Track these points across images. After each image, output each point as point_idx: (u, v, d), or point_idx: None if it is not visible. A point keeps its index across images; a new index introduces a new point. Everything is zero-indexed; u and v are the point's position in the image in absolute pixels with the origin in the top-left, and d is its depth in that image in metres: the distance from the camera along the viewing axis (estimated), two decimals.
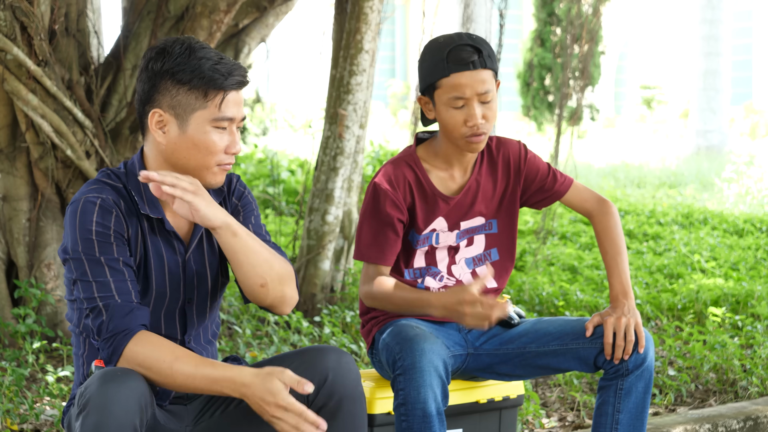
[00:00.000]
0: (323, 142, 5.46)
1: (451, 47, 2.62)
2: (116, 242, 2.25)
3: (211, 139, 2.28)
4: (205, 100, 2.26)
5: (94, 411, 2.05)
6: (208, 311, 2.43)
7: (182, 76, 2.25)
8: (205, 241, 2.41)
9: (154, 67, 2.27)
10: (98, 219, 2.23)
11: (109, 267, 2.22)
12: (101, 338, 2.20)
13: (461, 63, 2.61)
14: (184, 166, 2.30)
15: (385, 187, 2.68)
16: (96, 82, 4.83)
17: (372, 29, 5.31)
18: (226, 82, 2.26)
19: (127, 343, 2.19)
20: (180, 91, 2.26)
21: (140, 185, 2.32)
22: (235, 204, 2.46)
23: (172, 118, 2.27)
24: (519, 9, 37.56)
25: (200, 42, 2.29)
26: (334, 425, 2.27)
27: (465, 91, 2.61)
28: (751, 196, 11.94)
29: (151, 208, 2.32)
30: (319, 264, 5.38)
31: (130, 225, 2.29)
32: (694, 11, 21.79)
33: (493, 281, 2.86)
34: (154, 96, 2.28)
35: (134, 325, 2.20)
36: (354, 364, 2.31)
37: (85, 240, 2.23)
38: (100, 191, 2.27)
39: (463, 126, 2.63)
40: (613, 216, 2.83)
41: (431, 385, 2.45)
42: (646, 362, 2.61)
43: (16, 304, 4.62)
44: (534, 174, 2.82)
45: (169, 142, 2.29)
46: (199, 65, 2.25)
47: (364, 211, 2.72)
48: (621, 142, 24.26)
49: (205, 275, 2.40)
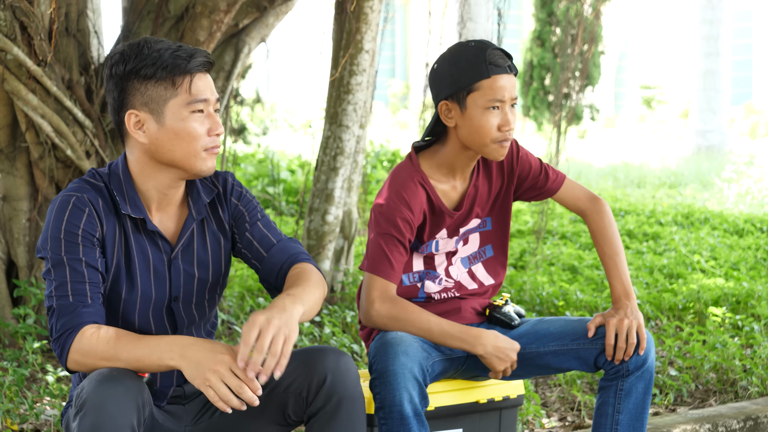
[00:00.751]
0: (323, 142, 5.46)
1: (488, 50, 2.62)
2: (83, 243, 2.24)
3: (191, 126, 2.27)
4: (174, 87, 2.26)
5: (91, 411, 2.05)
6: (198, 309, 2.42)
7: (146, 71, 2.25)
8: (196, 241, 2.40)
9: (117, 72, 2.27)
10: (69, 218, 2.24)
11: (70, 267, 2.22)
12: (53, 338, 2.20)
13: (500, 66, 2.61)
14: (170, 159, 2.29)
15: (402, 209, 2.65)
16: (96, 82, 4.83)
17: (372, 29, 5.31)
18: (189, 65, 2.26)
19: (71, 343, 2.17)
20: (148, 87, 2.26)
21: (122, 185, 2.32)
22: (235, 205, 2.45)
23: (148, 115, 2.27)
24: (519, 9, 37.56)
25: (156, 38, 2.30)
26: (333, 425, 2.26)
27: (504, 94, 2.61)
28: (751, 196, 11.94)
29: (132, 208, 2.31)
30: (320, 264, 5.38)
31: (106, 224, 2.28)
32: (694, 11, 21.80)
33: (490, 278, 2.86)
34: (126, 99, 2.28)
35: (76, 323, 2.19)
36: (353, 365, 2.31)
37: (54, 239, 2.24)
38: (79, 190, 2.28)
39: (497, 131, 2.62)
40: (607, 215, 2.83)
41: (406, 387, 2.45)
42: (647, 363, 2.61)
43: (16, 304, 4.62)
44: (527, 172, 2.82)
45: (151, 139, 2.28)
46: (159, 56, 2.25)
47: (377, 226, 2.67)
48: (621, 142, 24.27)
49: (193, 275, 2.39)
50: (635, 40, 49.79)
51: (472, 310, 2.83)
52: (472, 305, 2.83)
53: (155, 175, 2.32)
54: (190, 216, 2.38)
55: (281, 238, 2.45)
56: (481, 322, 2.85)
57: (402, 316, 2.62)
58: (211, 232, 2.42)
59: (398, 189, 2.68)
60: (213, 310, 2.48)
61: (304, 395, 2.28)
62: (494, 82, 2.60)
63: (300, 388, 2.28)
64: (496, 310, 2.83)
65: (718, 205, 11.58)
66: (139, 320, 2.34)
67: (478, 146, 2.65)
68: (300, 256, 2.42)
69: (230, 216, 2.44)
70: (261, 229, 2.44)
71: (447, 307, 2.80)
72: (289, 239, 2.46)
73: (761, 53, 45.31)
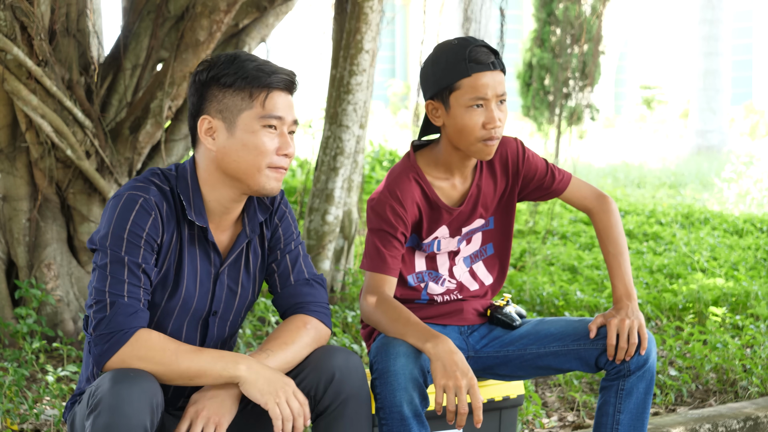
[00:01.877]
0: (323, 142, 5.46)
1: (469, 47, 2.59)
2: (145, 247, 2.24)
3: (260, 139, 2.27)
4: (251, 99, 2.26)
5: (106, 411, 2.05)
6: (231, 326, 2.43)
7: (226, 80, 2.26)
8: (243, 260, 2.40)
9: (201, 79, 2.29)
10: (135, 219, 2.23)
11: (129, 269, 2.22)
12: (97, 333, 2.19)
13: (482, 63, 2.58)
14: (235, 171, 2.28)
15: (391, 203, 2.64)
16: (96, 82, 4.83)
17: (372, 29, 5.31)
18: (270, 79, 2.27)
19: (124, 344, 2.18)
20: (226, 95, 2.27)
21: (189, 190, 2.31)
22: (276, 225, 2.45)
23: (221, 123, 2.27)
24: (519, 9, 37.57)
25: (249, 54, 2.31)
26: (340, 424, 2.28)
27: (487, 92, 2.59)
28: (751, 196, 11.94)
29: (197, 216, 2.30)
30: (320, 264, 5.38)
31: (167, 230, 2.28)
32: (694, 11, 21.80)
33: (490, 276, 2.85)
34: (203, 105, 2.29)
35: (133, 325, 2.20)
36: (361, 365, 2.32)
37: (116, 236, 2.22)
38: (146, 190, 2.27)
39: (481, 129, 2.59)
40: (613, 213, 2.82)
41: (406, 388, 2.43)
42: (648, 363, 2.61)
43: (16, 304, 4.61)
44: (532, 173, 2.80)
45: (219, 147, 2.28)
46: (242, 66, 2.26)
47: (369, 222, 2.68)
48: (621, 142, 24.27)
49: (235, 291, 2.40)
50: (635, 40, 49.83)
51: (473, 311, 2.83)
52: (473, 306, 2.83)
53: (219, 187, 2.31)
54: (243, 232, 2.38)
55: (299, 279, 2.44)
56: (482, 323, 2.84)
57: (381, 308, 2.57)
58: (254, 250, 2.42)
59: (390, 184, 2.68)
60: (238, 327, 2.49)
61: (312, 394, 2.29)
62: (475, 81, 2.58)
63: (308, 386, 2.29)
64: (497, 311, 2.82)
65: (718, 205, 11.58)
66: (172, 328, 2.34)
67: (465, 145, 2.63)
68: (306, 306, 2.42)
69: (270, 235, 2.44)
70: (286, 263, 2.44)
71: (449, 308, 2.80)
72: (305, 282, 2.44)
73: (761, 53, 45.33)
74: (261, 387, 2.18)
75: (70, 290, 4.63)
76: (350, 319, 4.88)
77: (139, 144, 4.77)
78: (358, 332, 4.81)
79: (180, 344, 2.21)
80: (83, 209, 4.68)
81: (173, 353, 2.18)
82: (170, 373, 2.18)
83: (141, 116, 4.76)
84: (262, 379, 2.19)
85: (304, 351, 2.34)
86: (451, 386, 2.37)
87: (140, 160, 4.82)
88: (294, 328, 2.36)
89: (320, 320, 2.40)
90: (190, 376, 2.19)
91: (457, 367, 2.39)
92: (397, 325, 2.52)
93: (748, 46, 45.88)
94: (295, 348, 2.32)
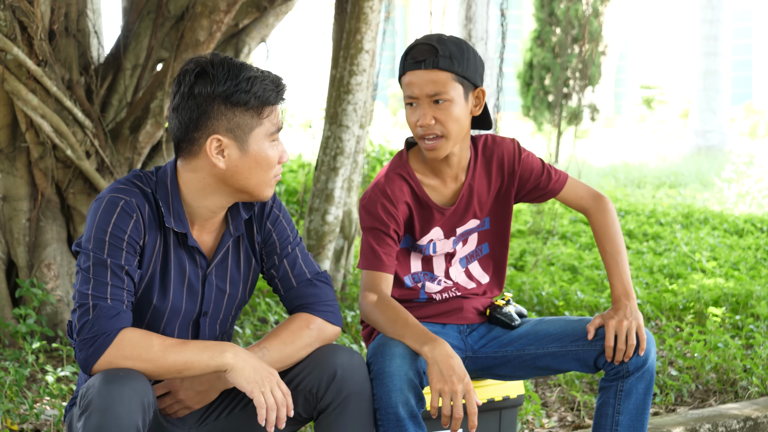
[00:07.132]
0: (323, 142, 5.46)
1: (410, 46, 2.61)
2: (127, 249, 2.23)
3: (270, 155, 2.27)
4: (261, 117, 2.25)
5: (97, 412, 2.05)
6: (222, 326, 2.43)
7: (238, 98, 2.22)
8: (230, 259, 2.40)
9: (202, 92, 2.22)
10: (116, 221, 2.22)
11: (111, 271, 2.21)
12: (81, 337, 2.17)
13: (414, 61, 2.59)
14: (244, 186, 2.28)
15: (382, 200, 2.64)
16: (96, 82, 4.83)
17: (372, 29, 5.31)
18: (278, 96, 2.27)
19: (109, 345, 2.16)
20: (236, 113, 2.23)
21: (169, 196, 2.29)
22: (269, 230, 2.44)
23: (232, 141, 2.24)
24: (519, 9, 37.56)
25: (232, 58, 2.28)
26: (342, 421, 2.28)
27: (413, 90, 2.59)
28: (751, 196, 11.95)
29: (176, 222, 2.29)
30: (319, 264, 5.38)
31: (149, 232, 2.27)
32: (694, 11, 21.81)
33: (485, 275, 2.85)
34: (207, 122, 2.23)
35: (116, 327, 2.18)
36: (363, 363, 2.33)
37: (98, 239, 2.21)
38: (127, 193, 2.26)
39: (416, 127, 2.61)
40: (610, 213, 2.82)
41: (402, 389, 2.42)
42: (647, 364, 2.61)
43: (16, 304, 4.61)
44: (528, 173, 2.80)
45: (230, 165, 2.26)
46: (251, 85, 2.23)
47: (362, 221, 2.69)
48: (621, 142, 24.28)
49: (224, 291, 2.39)
50: (635, 40, 49.81)
51: (473, 309, 2.83)
52: (474, 305, 2.83)
53: (214, 197, 2.30)
54: (227, 232, 2.37)
55: (301, 280, 2.43)
56: (482, 323, 2.84)
57: (379, 308, 2.58)
58: (244, 250, 2.42)
59: (379, 182, 2.69)
60: (232, 327, 2.49)
61: (314, 391, 2.29)
62: (406, 79, 2.61)
63: (310, 384, 2.30)
64: (496, 310, 2.82)
65: (718, 205, 11.59)
66: (164, 330, 2.34)
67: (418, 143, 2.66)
68: (311, 307, 2.41)
69: (262, 240, 2.43)
70: (285, 267, 2.43)
71: (449, 306, 2.80)
72: (308, 283, 2.43)
73: (761, 53, 45.32)
74: (247, 375, 2.17)
75: (70, 290, 4.63)
76: (350, 319, 4.88)
77: (139, 144, 4.78)
78: (358, 332, 4.81)
79: (164, 339, 2.19)
80: (83, 209, 4.68)
81: (159, 349, 2.17)
82: (158, 369, 2.17)
83: (141, 116, 4.76)
84: (249, 367, 2.18)
85: (303, 351, 2.34)
86: (447, 391, 2.37)
87: (140, 160, 4.82)
88: (296, 328, 2.35)
89: (326, 319, 2.39)
90: (178, 369, 2.18)
91: (454, 371, 2.39)
92: (395, 326, 2.52)
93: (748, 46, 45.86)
94: (292, 348, 2.32)
